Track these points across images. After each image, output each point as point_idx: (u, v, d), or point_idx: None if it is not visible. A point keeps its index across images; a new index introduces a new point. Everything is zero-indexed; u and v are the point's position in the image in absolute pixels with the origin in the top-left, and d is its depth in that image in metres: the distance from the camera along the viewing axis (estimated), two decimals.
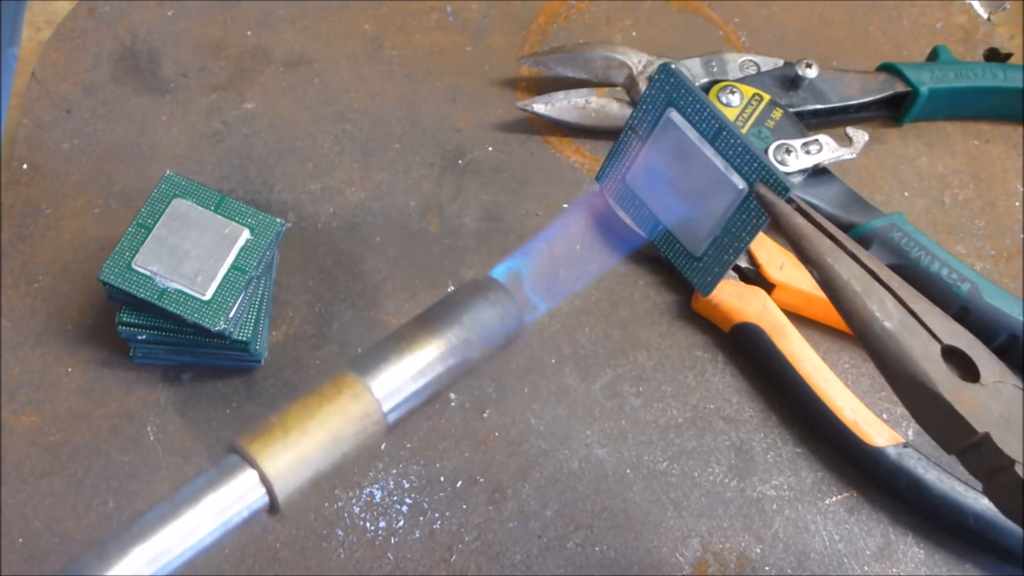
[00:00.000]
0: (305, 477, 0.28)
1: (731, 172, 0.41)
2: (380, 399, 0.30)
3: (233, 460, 0.28)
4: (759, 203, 0.38)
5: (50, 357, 0.46)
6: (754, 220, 0.41)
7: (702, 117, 0.41)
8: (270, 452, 0.28)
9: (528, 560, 0.43)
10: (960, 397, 0.31)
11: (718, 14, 0.58)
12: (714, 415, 0.47)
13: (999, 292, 0.47)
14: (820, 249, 0.34)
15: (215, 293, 0.42)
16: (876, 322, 0.33)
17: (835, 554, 0.45)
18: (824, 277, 0.34)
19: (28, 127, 0.51)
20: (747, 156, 0.40)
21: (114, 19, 0.55)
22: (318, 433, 0.29)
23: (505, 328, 0.32)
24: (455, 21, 0.57)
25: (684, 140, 0.42)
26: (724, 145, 0.41)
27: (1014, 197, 0.54)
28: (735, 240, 0.42)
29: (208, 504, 0.27)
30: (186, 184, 0.44)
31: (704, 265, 0.43)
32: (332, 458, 0.29)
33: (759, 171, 0.40)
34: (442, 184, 0.52)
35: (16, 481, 0.43)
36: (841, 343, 0.49)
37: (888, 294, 0.33)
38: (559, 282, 0.47)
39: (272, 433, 0.28)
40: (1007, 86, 0.54)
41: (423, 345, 0.31)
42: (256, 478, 0.28)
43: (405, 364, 0.30)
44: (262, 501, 0.28)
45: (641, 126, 0.43)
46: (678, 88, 0.41)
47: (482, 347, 0.32)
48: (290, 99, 0.53)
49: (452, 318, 0.32)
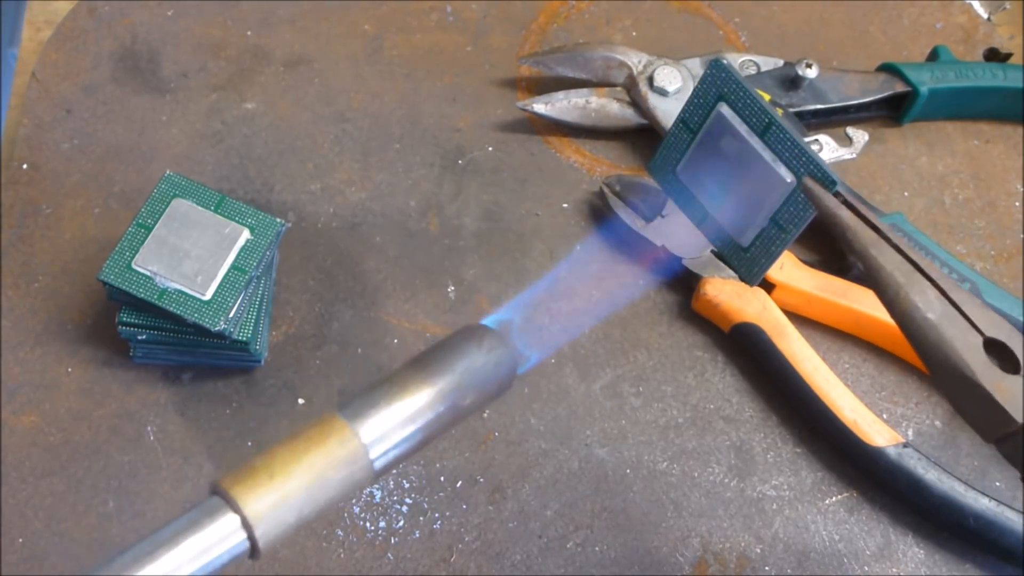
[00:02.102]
0: (288, 522, 0.28)
1: (779, 165, 0.41)
2: (368, 444, 0.29)
3: (215, 502, 0.27)
4: (807, 196, 0.39)
5: (50, 357, 0.46)
6: (801, 213, 0.42)
7: (752, 111, 0.42)
8: (253, 496, 0.27)
9: (528, 560, 0.43)
10: (999, 387, 0.32)
11: (718, 14, 0.58)
12: (714, 415, 0.47)
13: (999, 292, 0.47)
14: (865, 241, 0.35)
15: (215, 293, 0.42)
16: (919, 312, 0.33)
17: (835, 554, 0.45)
18: (868, 268, 0.35)
19: (28, 127, 0.51)
20: (796, 150, 0.41)
21: (114, 19, 0.55)
22: (303, 478, 0.28)
23: (498, 376, 0.32)
24: (455, 21, 0.57)
25: (734, 133, 0.42)
26: (773, 139, 0.42)
27: (1014, 197, 0.54)
28: (782, 232, 0.43)
29: (187, 547, 0.26)
30: (186, 184, 0.44)
31: (751, 255, 0.44)
32: (316, 504, 0.28)
33: (807, 165, 0.40)
34: (442, 184, 0.52)
35: (16, 481, 0.43)
36: (841, 343, 0.49)
37: (931, 285, 0.34)
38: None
39: (256, 476, 0.27)
40: (1007, 86, 0.54)
41: (414, 391, 0.30)
42: (237, 522, 0.27)
43: (395, 410, 0.30)
44: (243, 546, 0.27)
45: (692, 119, 0.44)
46: (729, 83, 0.42)
47: (474, 395, 0.31)
48: (290, 99, 0.53)
49: (445, 364, 0.31)
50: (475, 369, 0.31)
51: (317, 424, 0.29)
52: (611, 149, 0.54)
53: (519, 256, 0.50)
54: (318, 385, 0.46)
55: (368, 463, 0.29)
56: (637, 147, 0.54)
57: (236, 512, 0.27)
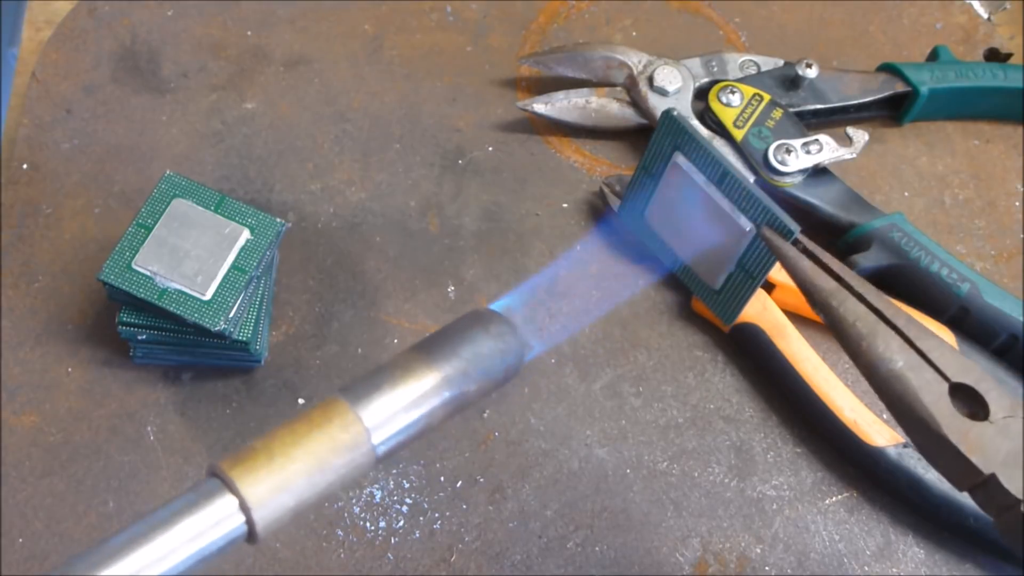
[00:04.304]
0: (287, 507, 0.27)
1: (738, 214, 0.41)
2: (370, 429, 0.28)
3: (213, 484, 0.26)
4: (766, 245, 0.39)
5: (50, 357, 0.46)
6: (765, 259, 0.42)
7: (706, 162, 0.42)
8: (252, 479, 0.26)
9: (528, 560, 0.43)
10: (966, 438, 0.31)
11: (718, 14, 0.58)
12: (714, 415, 0.47)
13: (999, 292, 0.47)
14: (826, 292, 0.35)
15: (215, 293, 0.42)
16: (883, 364, 0.33)
17: (835, 554, 0.45)
18: (830, 320, 0.34)
19: (28, 127, 0.51)
20: (751, 200, 0.41)
21: (114, 19, 0.55)
22: (304, 461, 0.27)
23: (505, 363, 0.31)
24: (455, 21, 0.57)
25: (691, 183, 0.42)
26: (729, 188, 0.42)
27: (1014, 197, 0.54)
28: (749, 277, 0.43)
29: (183, 529, 0.26)
30: (186, 184, 0.44)
31: (724, 298, 0.44)
32: (316, 488, 0.27)
33: (763, 214, 0.40)
34: (442, 184, 0.52)
35: (16, 481, 0.43)
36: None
37: (895, 334, 0.33)
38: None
39: (256, 458, 0.27)
40: (1007, 86, 0.54)
41: (419, 376, 0.29)
42: (235, 504, 0.26)
43: (399, 394, 0.29)
44: (240, 529, 0.26)
45: (653, 166, 0.44)
46: (681, 134, 0.42)
47: (480, 381, 0.30)
48: (290, 99, 0.53)
49: (451, 349, 0.30)
50: (482, 355, 0.30)
51: (319, 407, 0.28)
52: (611, 149, 0.54)
53: (519, 256, 0.50)
54: (318, 385, 0.46)
55: (370, 448, 0.28)
56: (637, 147, 0.54)
57: (234, 494, 0.26)
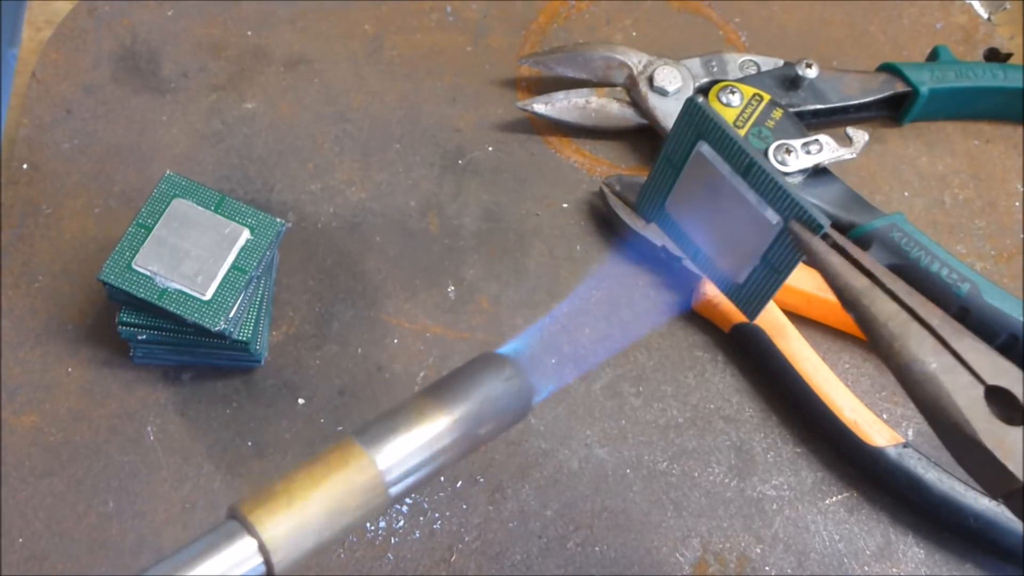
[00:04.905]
0: (304, 548, 0.28)
1: (764, 207, 0.39)
2: (384, 471, 0.29)
3: (232, 526, 0.27)
4: (793, 240, 0.37)
5: (50, 357, 0.46)
6: (791, 254, 0.39)
7: (732, 152, 0.40)
8: (272, 521, 0.27)
9: (528, 560, 0.43)
10: (1001, 443, 0.30)
11: (718, 14, 0.58)
12: (714, 415, 0.47)
13: (999, 292, 0.47)
14: (856, 290, 0.33)
15: (215, 293, 0.42)
16: (916, 365, 0.31)
17: (835, 554, 0.45)
18: (860, 319, 0.33)
19: (28, 127, 0.51)
20: (779, 193, 0.39)
21: (114, 19, 0.55)
22: (321, 504, 0.28)
23: (515, 407, 0.32)
24: (455, 21, 0.57)
25: (716, 173, 0.41)
26: (755, 180, 0.39)
27: (1014, 197, 0.54)
28: (775, 272, 0.40)
29: (204, 570, 0.27)
30: (186, 184, 0.44)
31: (747, 293, 0.42)
32: (333, 530, 0.28)
33: (792, 208, 0.39)
34: (442, 184, 0.52)
35: (16, 481, 0.43)
36: (841, 343, 0.49)
37: (928, 334, 0.32)
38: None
39: (276, 501, 0.28)
40: (1007, 86, 0.54)
41: (431, 419, 0.30)
42: (254, 546, 0.27)
43: (412, 437, 0.30)
44: (259, 570, 0.27)
45: (674, 156, 0.42)
46: (705, 122, 0.40)
47: (490, 423, 0.31)
48: (290, 99, 0.53)
49: (462, 393, 0.31)
50: (493, 398, 0.31)
51: (336, 450, 0.29)
52: (611, 149, 0.54)
53: (519, 256, 0.50)
54: (318, 385, 0.46)
55: (384, 490, 0.29)
56: (637, 147, 0.54)
57: (254, 536, 0.27)
